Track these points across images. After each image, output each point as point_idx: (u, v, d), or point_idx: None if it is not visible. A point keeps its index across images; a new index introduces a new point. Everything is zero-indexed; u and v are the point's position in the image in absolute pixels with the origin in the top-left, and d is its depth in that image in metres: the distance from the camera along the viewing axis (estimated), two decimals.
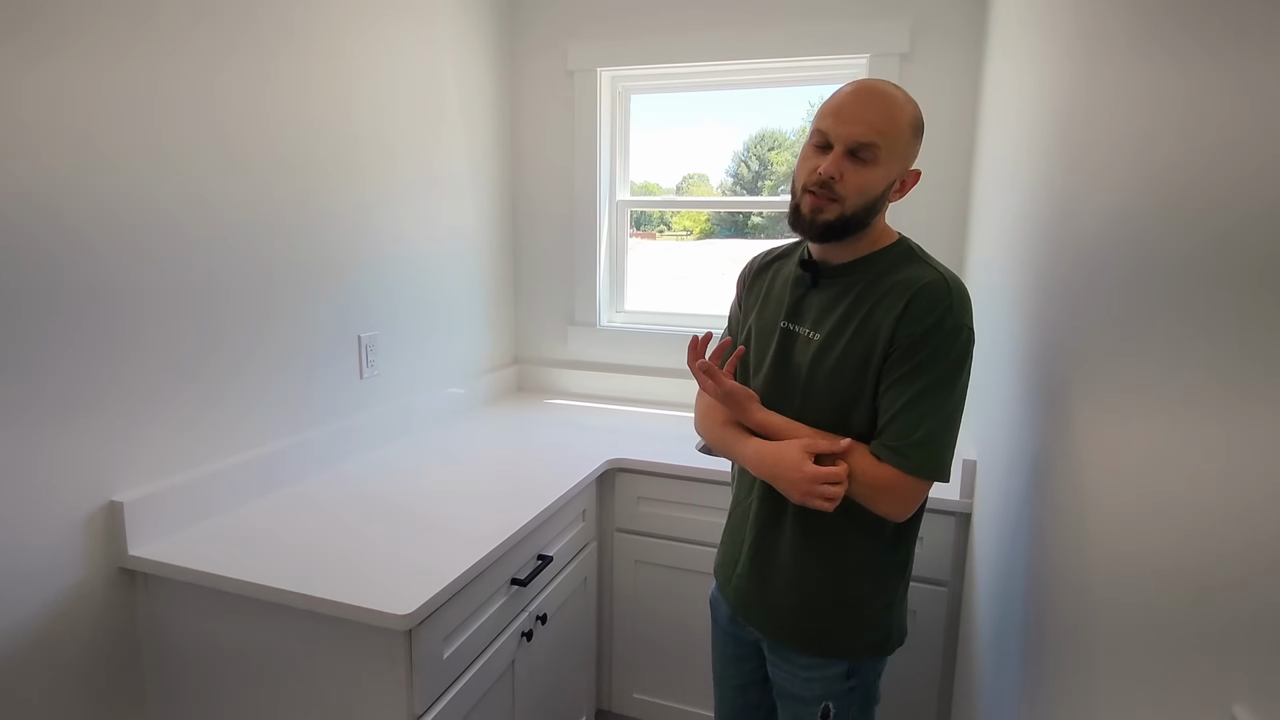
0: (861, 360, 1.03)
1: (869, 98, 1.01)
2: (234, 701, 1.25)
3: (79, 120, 1.13)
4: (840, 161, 1.00)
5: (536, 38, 2.32)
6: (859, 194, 1.01)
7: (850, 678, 1.14)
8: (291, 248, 1.55)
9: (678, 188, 2.51)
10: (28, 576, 1.12)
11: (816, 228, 1.03)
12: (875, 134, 0.98)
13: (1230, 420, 0.48)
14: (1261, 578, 0.42)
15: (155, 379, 1.28)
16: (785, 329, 1.14)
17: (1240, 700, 0.43)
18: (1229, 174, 0.50)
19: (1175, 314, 0.59)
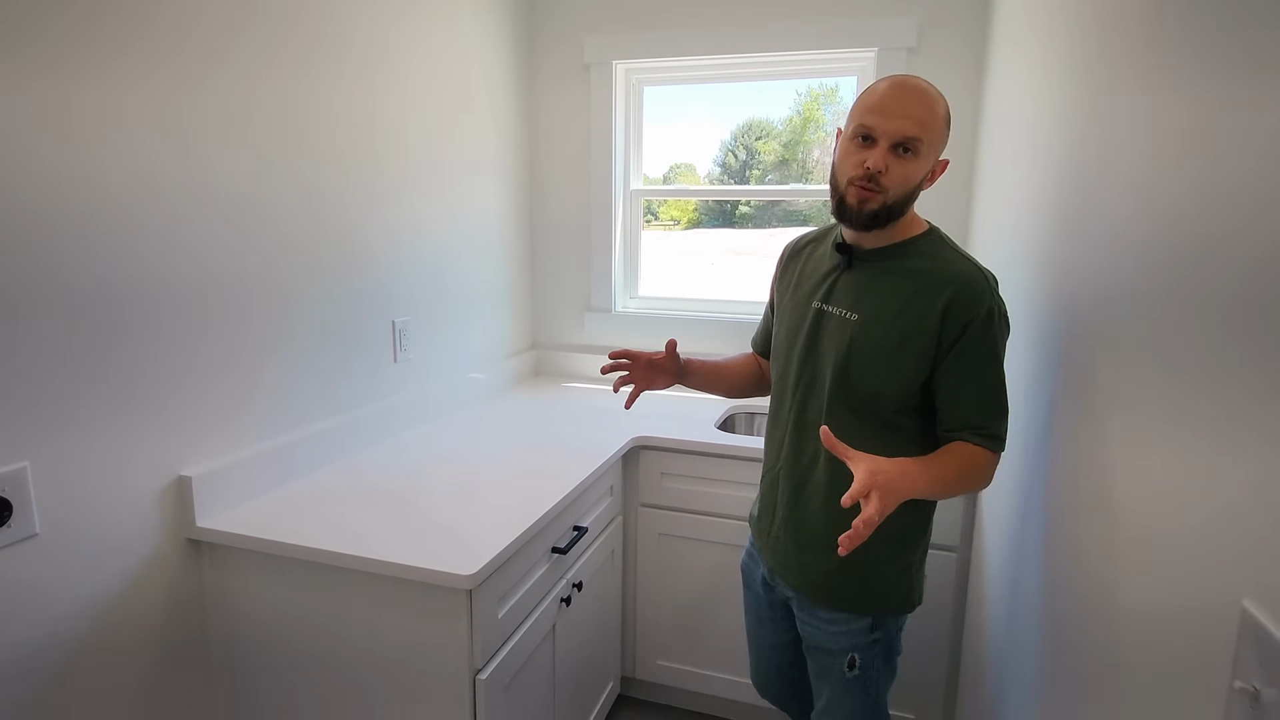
0: (903, 343, 1.10)
1: (910, 94, 1.07)
2: (297, 663, 1.33)
3: (132, 134, 1.19)
4: (886, 155, 1.06)
5: (554, 31, 2.39)
6: (901, 185, 1.08)
7: (874, 631, 1.23)
8: (334, 238, 1.62)
9: (664, 177, 2.57)
10: (113, 546, 1.20)
11: (864, 217, 1.10)
12: (919, 128, 1.06)
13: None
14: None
15: (216, 366, 1.35)
16: (819, 310, 1.21)
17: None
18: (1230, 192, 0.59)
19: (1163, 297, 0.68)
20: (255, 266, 1.42)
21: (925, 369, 1.11)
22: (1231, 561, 0.56)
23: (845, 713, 1.26)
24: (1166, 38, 0.77)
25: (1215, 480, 0.59)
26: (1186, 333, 0.67)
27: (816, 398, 1.20)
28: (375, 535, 1.29)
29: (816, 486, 1.21)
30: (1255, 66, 0.57)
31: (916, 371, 1.11)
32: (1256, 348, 0.54)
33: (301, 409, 1.56)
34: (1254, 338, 0.55)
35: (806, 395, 1.22)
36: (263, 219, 1.43)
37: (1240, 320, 0.57)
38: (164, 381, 1.26)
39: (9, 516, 1.04)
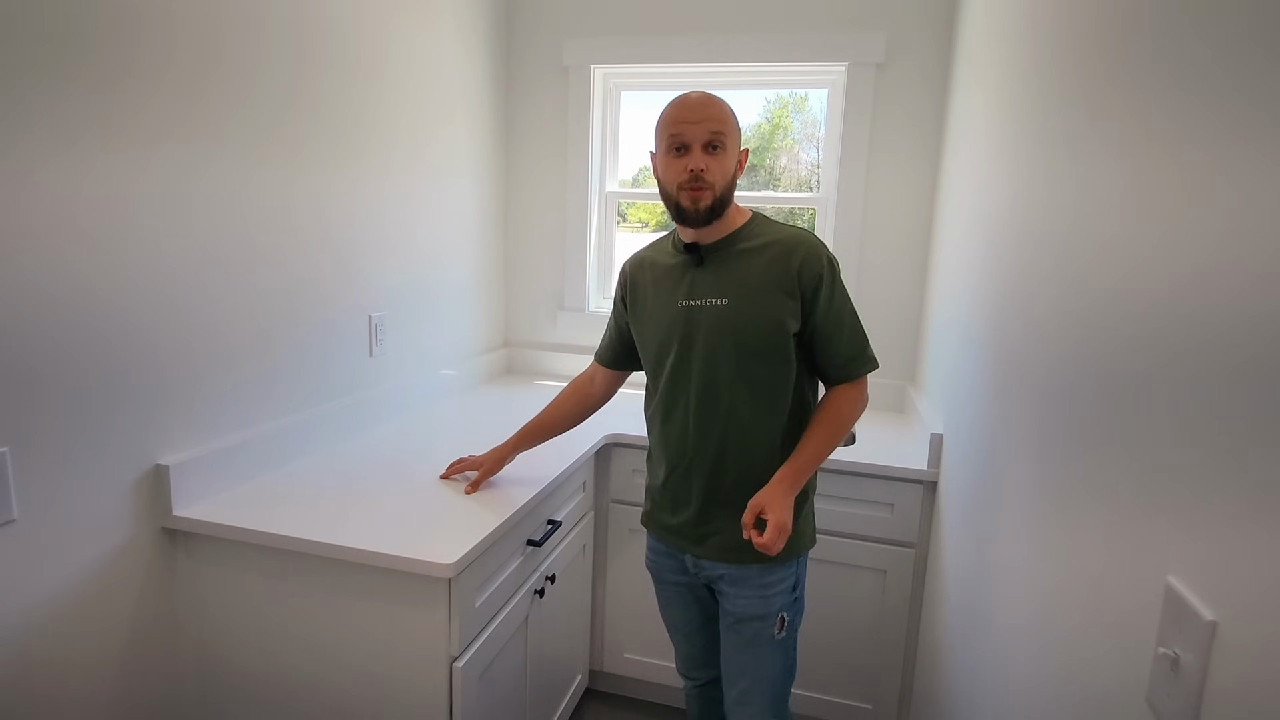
0: (776, 306, 1.25)
1: (702, 101, 1.24)
2: (271, 650, 1.34)
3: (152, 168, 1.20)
4: (702, 156, 1.22)
5: (534, 34, 2.42)
6: (722, 176, 1.24)
7: (796, 588, 1.36)
8: (313, 233, 1.63)
9: (634, 179, 2.62)
10: (89, 532, 1.20)
11: (703, 214, 1.24)
12: (721, 124, 1.22)
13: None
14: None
15: (194, 356, 1.36)
16: (687, 306, 1.31)
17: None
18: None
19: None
20: (234, 259, 1.43)
21: (795, 322, 1.26)
22: (1159, 542, 0.63)
23: (771, 681, 1.34)
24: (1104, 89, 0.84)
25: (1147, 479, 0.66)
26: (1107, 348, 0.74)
27: (712, 383, 1.29)
28: (352, 525, 1.31)
29: (737, 461, 1.30)
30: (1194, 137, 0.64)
31: (789, 326, 1.26)
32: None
33: (279, 400, 1.57)
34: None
35: (703, 384, 1.30)
36: (241, 214, 1.44)
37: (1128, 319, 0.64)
38: (142, 372, 1.26)
39: None
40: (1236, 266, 0.54)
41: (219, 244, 1.39)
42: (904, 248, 2.25)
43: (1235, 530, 0.52)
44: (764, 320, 1.26)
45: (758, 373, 1.27)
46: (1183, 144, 0.64)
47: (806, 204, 2.42)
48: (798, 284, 1.25)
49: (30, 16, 1.03)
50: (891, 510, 1.82)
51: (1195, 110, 0.62)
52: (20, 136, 1.04)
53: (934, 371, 1.96)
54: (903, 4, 2.13)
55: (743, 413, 1.29)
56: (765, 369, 1.27)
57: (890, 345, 2.28)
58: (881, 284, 2.28)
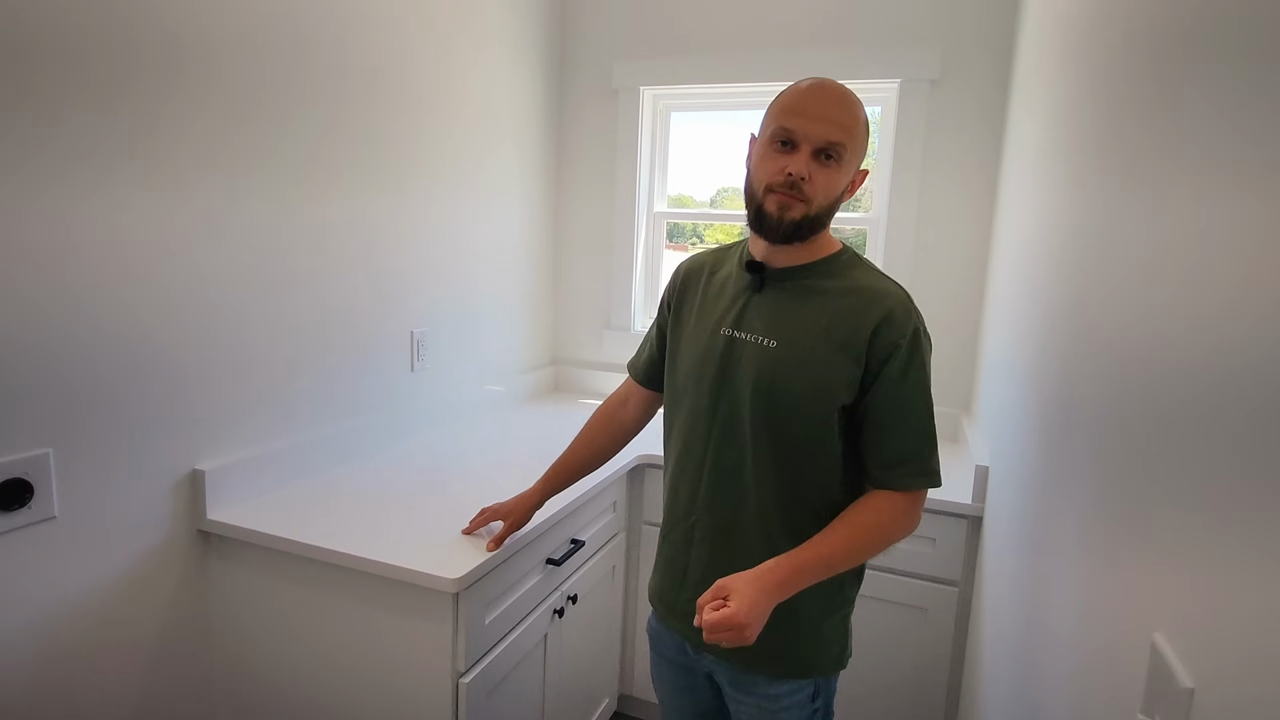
0: (828, 368, 1.01)
1: (833, 96, 0.99)
2: (290, 655, 1.38)
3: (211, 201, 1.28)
4: (810, 162, 0.98)
5: (585, 58, 2.46)
6: (825, 194, 1.00)
7: (816, 699, 1.12)
8: (356, 248, 1.70)
9: (711, 201, 2.61)
10: (126, 532, 1.27)
11: (785, 227, 1.01)
12: (843, 133, 0.98)
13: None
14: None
15: (235, 366, 1.43)
16: (730, 337, 1.08)
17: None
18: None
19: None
20: (277, 273, 1.50)
21: (849, 395, 1.02)
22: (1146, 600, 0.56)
23: None
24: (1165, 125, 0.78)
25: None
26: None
27: (737, 435, 1.07)
28: (375, 535, 1.34)
29: (747, 534, 1.07)
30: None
31: (843, 397, 1.02)
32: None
33: (317, 410, 1.63)
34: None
35: (725, 434, 1.08)
36: (286, 227, 1.51)
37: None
38: (183, 380, 1.33)
39: (30, 498, 1.12)
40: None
41: (259, 266, 1.46)
42: (959, 270, 2.15)
43: (1218, 586, 0.45)
44: (810, 379, 1.02)
45: (791, 440, 1.04)
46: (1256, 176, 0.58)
47: (856, 224, 2.35)
48: (866, 348, 1.00)
49: (77, 53, 1.13)
50: (933, 545, 1.72)
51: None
52: (70, 168, 1.13)
53: (985, 400, 1.85)
54: (958, 18, 2.05)
55: (768, 483, 1.06)
56: (800, 438, 1.04)
57: (942, 371, 2.17)
58: (934, 307, 2.18)
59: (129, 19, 1.18)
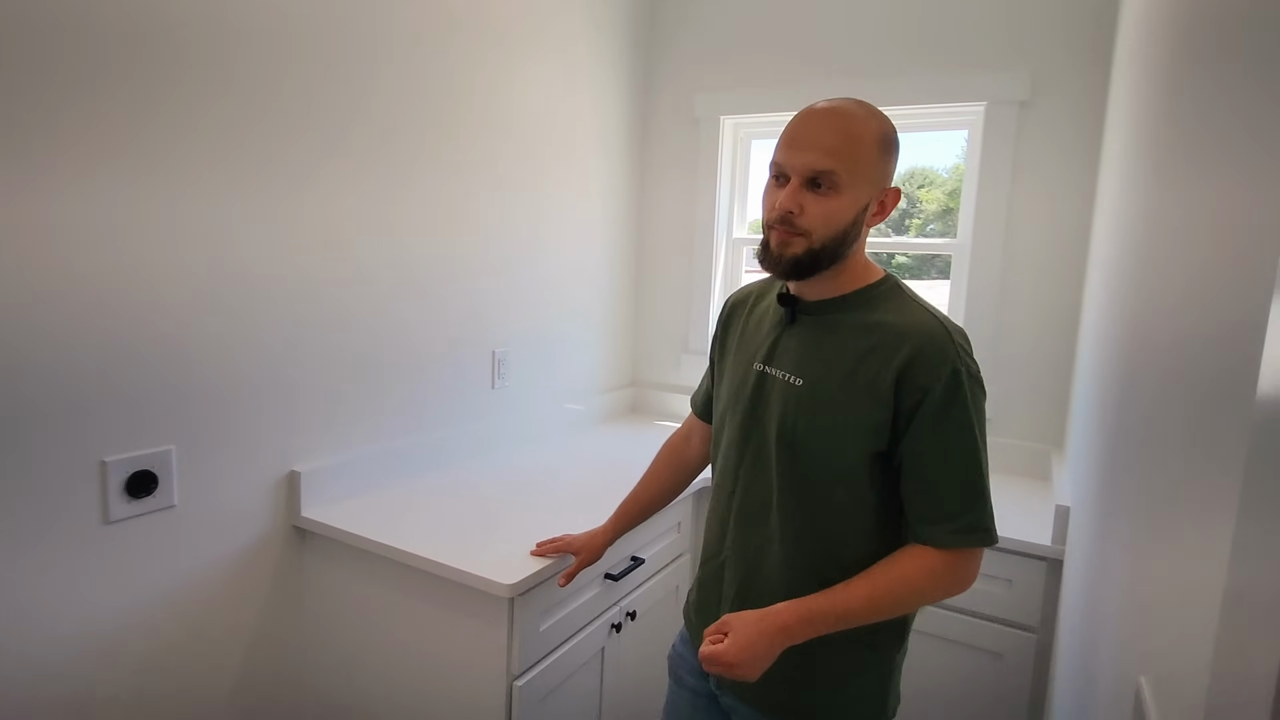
0: (853, 411, 0.95)
1: (823, 120, 0.94)
2: (368, 641, 1.50)
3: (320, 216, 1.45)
4: (798, 193, 0.93)
5: (667, 89, 2.55)
6: (825, 225, 0.94)
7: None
8: (443, 271, 1.84)
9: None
10: (233, 523, 1.43)
11: (785, 264, 0.97)
12: (831, 159, 0.92)
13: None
14: None
15: (331, 377, 1.58)
16: (761, 372, 1.05)
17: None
18: None
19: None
20: (372, 295, 1.65)
21: (880, 441, 0.95)
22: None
23: None
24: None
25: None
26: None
27: (763, 475, 1.04)
28: (445, 541, 1.44)
29: (769, 579, 1.03)
30: None
31: (872, 444, 0.95)
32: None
33: (403, 422, 1.77)
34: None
35: (752, 473, 1.05)
36: (377, 254, 1.66)
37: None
38: (285, 388, 1.49)
39: (154, 488, 1.29)
40: None
41: (359, 290, 1.61)
42: (1050, 299, 2.05)
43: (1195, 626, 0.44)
44: (834, 423, 0.96)
45: (815, 485, 0.99)
46: None
47: (940, 250, 2.28)
48: (893, 391, 0.92)
49: (185, 75, 1.31)
50: (1010, 587, 1.64)
51: None
52: (202, 181, 1.30)
53: (1074, 436, 1.75)
54: (1050, 38, 1.98)
55: (792, 529, 1.01)
56: (826, 483, 0.98)
57: (1033, 406, 2.07)
58: (1023, 339, 2.08)
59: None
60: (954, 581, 0.95)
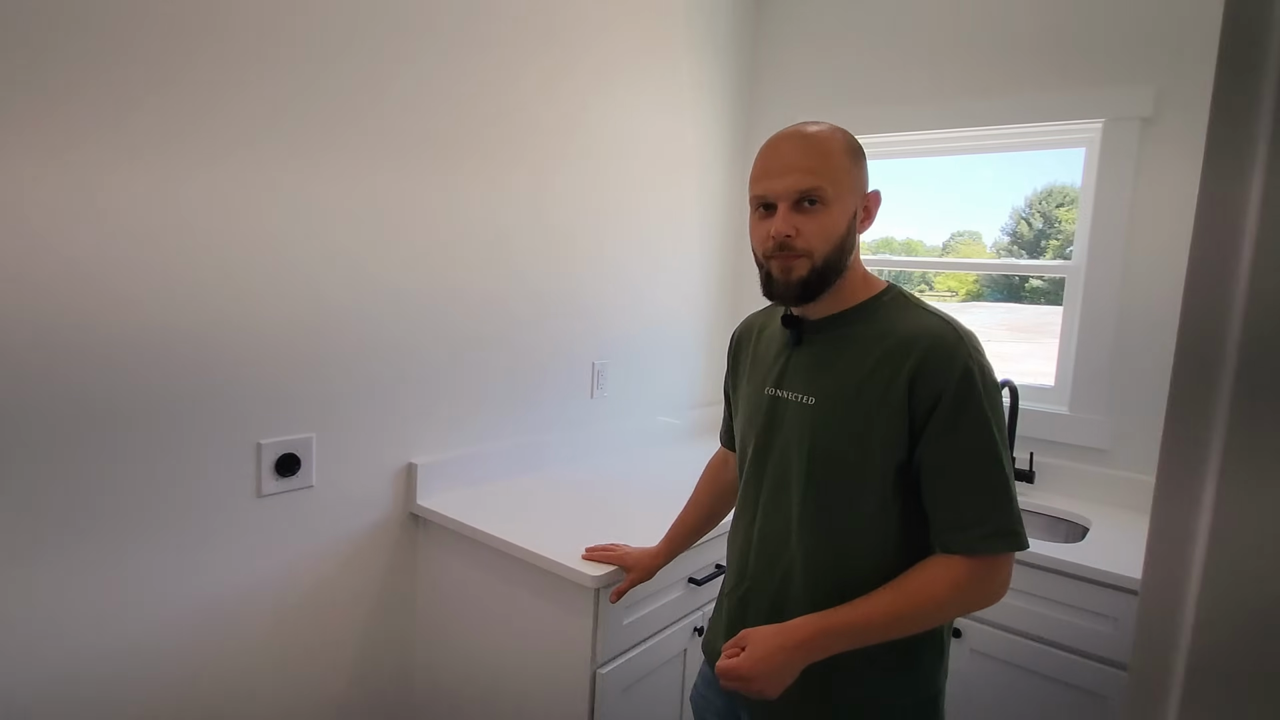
0: (867, 424, 0.95)
1: (793, 144, 0.97)
2: (469, 618, 1.64)
3: (429, 226, 1.64)
4: (790, 217, 0.95)
5: (769, 109, 2.61)
6: (823, 240, 0.96)
7: None
8: (548, 285, 1.98)
9: (944, 246, 2.53)
10: (359, 506, 1.62)
11: (794, 287, 0.97)
12: (813, 176, 0.94)
13: None
14: None
15: (445, 381, 1.75)
16: (773, 397, 1.05)
17: None
18: None
19: None
20: (482, 308, 1.82)
21: (900, 451, 0.94)
22: None
23: None
24: None
25: None
26: None
27: (783, 501, 1.03)
28: (542, 534, 1.55)
29: (795, 609, 1.00)
30: None
31: (890, 454, 0.94)
32: None
33: (511, 425, 1.92)
34: None
35: (772, 500, 1.05)
36: (492, 271, 1.83)
37: None
38: (407, 388, 1.67)
39: (298, 469, 1.48)
40: None
41: (475, 303, 1.78)
42: (1173, 327, 1.93)
43: None
44: (852, 437, 0.96)
45: (836, 504, 0.98)
46: None
47: (1053, 272, 2.20)
48: (906, 398, 0.92)
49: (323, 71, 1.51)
50: (1114, 625, 1.56)
51: None
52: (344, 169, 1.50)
53: None
54: (1178, 52, 1.89)
55: (816, 551, 0.99)
56: (847, 501, 0.97)
57: (1152, 438, 1.95)
58: (1141, 366, 1.97)
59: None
60: (983, 592, 0.92)
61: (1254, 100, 0.33)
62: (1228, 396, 0.34)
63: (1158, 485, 0.37)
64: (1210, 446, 0.34)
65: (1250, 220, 0.34)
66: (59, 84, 1.13)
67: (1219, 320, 0.34)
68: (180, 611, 1.37)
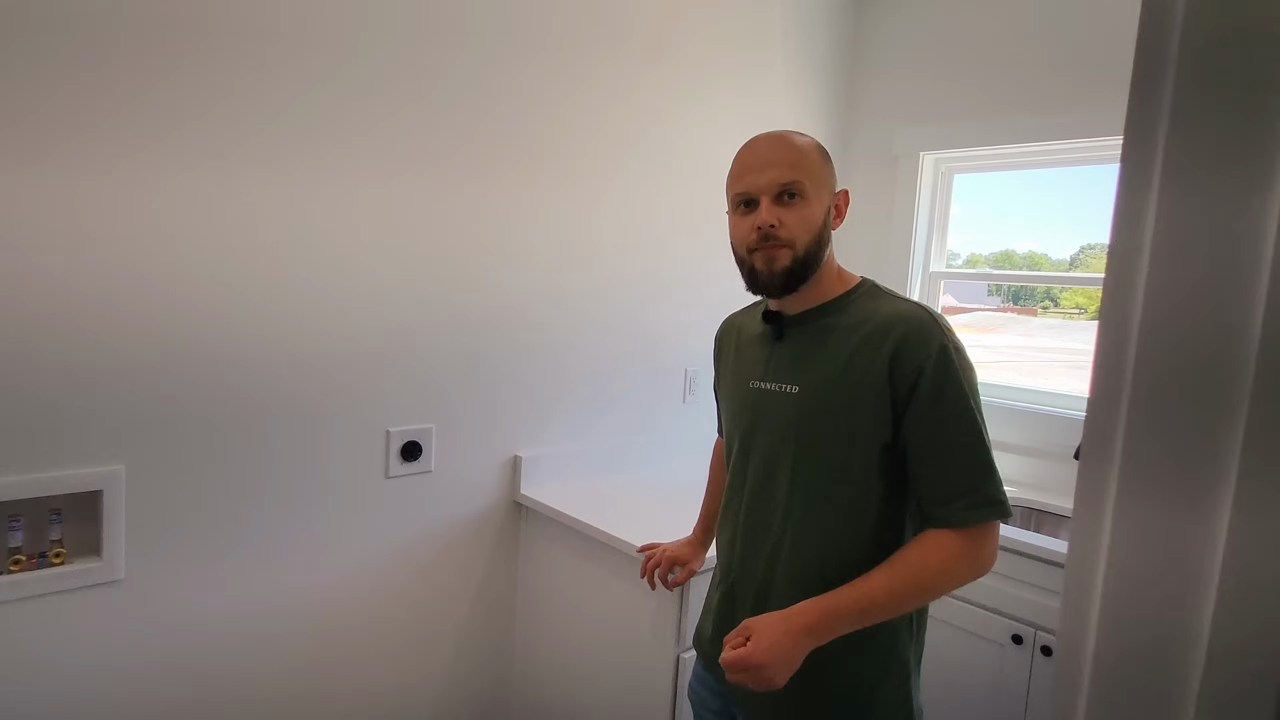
0: (852, 406, 0.99)
1: (770, 144, 1.05)
2: (564, 600, 1.78)
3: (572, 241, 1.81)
4: (773, 209, 1.01)
5: (865, 126, 2.65)
6: (804, 230, 1.02)
7: None
8: (641, 295, 2.11)
9: (1072, 259, 2.47)
10: (470, 491, 1.80)
11: (778, 278, 1.03)
12: (792, 171, 1.01)
13: None
14: None
15: (550, 382, 1.91)
16: (757, 389, 1.10)
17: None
18: None
19: None
20: (585, 318, 1.97)
21: (885, 431, 0.98)
22: None
23: None
24: None
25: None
26: None
27: (770, 488, 1.07)
28: (630, 525, 1.67)
29: (782, 597, 1.03)
30: None
31: (876, 437, 0.99)
32: None
33: (609, 425, 2.06)
34: None
35: (759, 486, 1.08)
36: (590, 284, 1.97)
37: None
38: (514, 387, 1.84)
39: (419, 455, 1.68)
40: None
41: (578, 315, 1.94)
42: None
43: None
44: (834, 422, 1.00)
45: (822, 488, 1.02)
46: None
47: None
48: (888, 379, 0.97)
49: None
50: None
51: None
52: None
53: None
54: None
55: (801, 537, 1.03)
56: (832, 485, 1.01)
57: None
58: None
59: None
60: (977, 562, 0.96)
61: (1155, 121, 0.37)
62: (1124, 429, 0.39)
63: (1074, 511, 0.43)
64: (1110, 478, 0.40)
65: (1145, 258, 0.38)
66: (279, 101, 1.37)
67: (1123, 349, 0.39)
68: (321, 575, 1.58)
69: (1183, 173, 0.36)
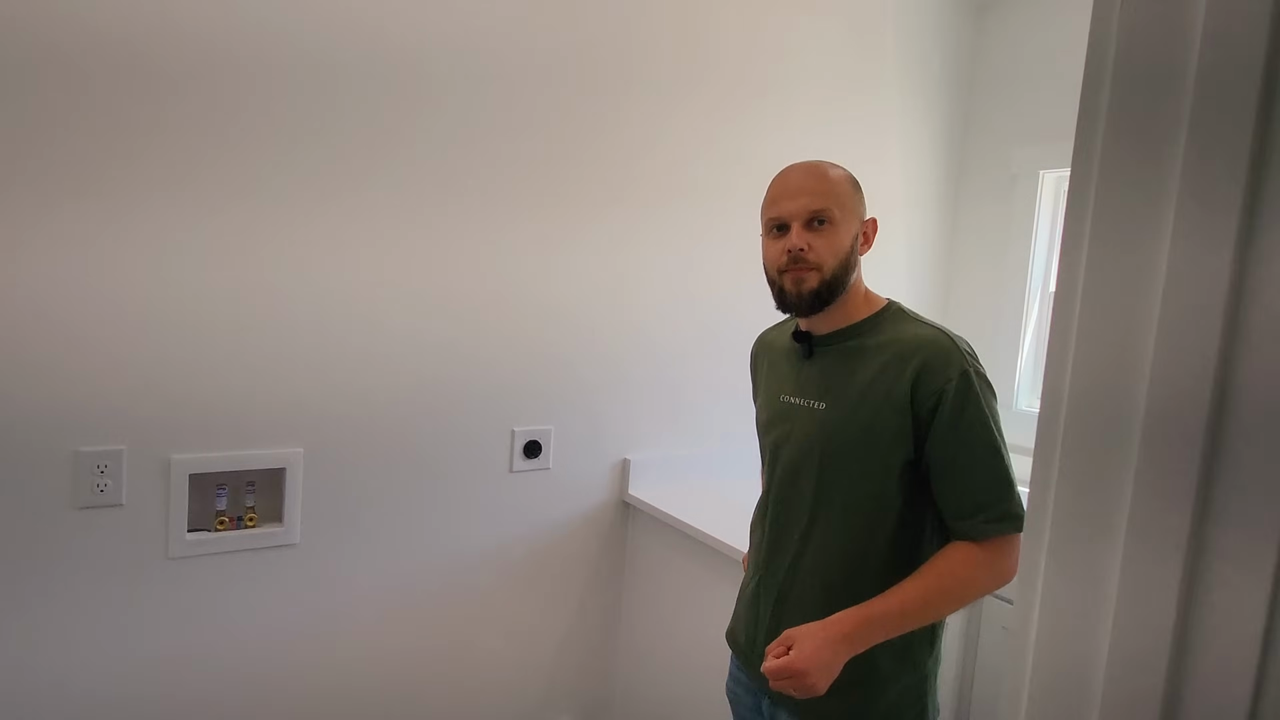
0: (875, 424, 1.05)
1: (803, 173, 1.11)
2: (666, 593, 1.91)
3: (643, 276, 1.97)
4: (803, 234, 1.08)
5: (982, 146, 2.62)
6: (832, 255, 1.08)
7: None
8: (720, 315, 2.21)
9: None
10: (585, 489, 1.98)
11: (805, 299, 1.09)
12: (823, 199, 1.08)
13: None
14: None
15: (663, 388, 2.06)
16: (787, 404, 1.18)
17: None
18: None
19: None
20: (683, 334, 2.10)
21: (906, 448, 1.05)
22: None
23: None
24: None
25: None
26: None
27: (797, 498, 1.14)
28: (729, 528, 1.78)
29: (801, 598, 1.11)
30: None
31: (897, 454, 1.05)
32: None
33: (707, 432, 2.18)
34: None
35: (784, 496, 1.16)
36: (687, 301, 2.11)
37: None
38: (624, 396, 2.01)
39: (539, 453, 1.87)
40: None
41: (678, 331, 2.08)
42: None
43: None
44: (859, 438, 1.07)
45: (845, 501, 1.09)
46: None
47: None
48: (910, 400, 1.03)
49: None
50: None
51: None
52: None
53: None
54: None
55: (822, 546, 1.10)
56: (855, 499, 1.08)
57: None
58: None
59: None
60: (998, 573, 1.03)
61: (1089, 172, 0.41)
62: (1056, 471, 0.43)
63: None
64: (1046, 519, 0.44)
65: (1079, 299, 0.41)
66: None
67: (1059, 398, 0.43)
68: (451, 554, 1.81)
69: (1102, 220, 0.40)
